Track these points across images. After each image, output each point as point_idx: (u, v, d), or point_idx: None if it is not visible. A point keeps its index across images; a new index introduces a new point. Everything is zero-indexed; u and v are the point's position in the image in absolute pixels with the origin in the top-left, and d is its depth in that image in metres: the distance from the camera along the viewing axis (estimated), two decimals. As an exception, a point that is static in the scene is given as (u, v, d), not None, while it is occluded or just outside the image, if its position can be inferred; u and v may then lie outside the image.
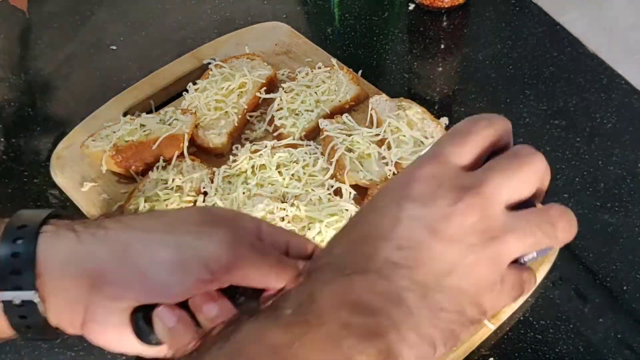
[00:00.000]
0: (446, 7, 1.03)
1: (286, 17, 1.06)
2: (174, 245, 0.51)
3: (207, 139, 0.87)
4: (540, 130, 0.89)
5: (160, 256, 0.51)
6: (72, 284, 0.51)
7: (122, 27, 1.09)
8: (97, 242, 0.51)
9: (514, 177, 0.42)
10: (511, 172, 0.42)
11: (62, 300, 0.51)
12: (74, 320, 0.52)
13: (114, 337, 0.52)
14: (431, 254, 0.41)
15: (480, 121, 0.44)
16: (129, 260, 0.51)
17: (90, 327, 0.52)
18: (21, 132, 0.96)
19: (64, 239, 0.51)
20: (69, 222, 0.53)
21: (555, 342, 0.71)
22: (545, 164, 0.44)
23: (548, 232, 0.42)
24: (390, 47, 1.02)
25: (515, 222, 0.42)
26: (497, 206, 0.42)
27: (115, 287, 0.51)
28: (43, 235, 0.51)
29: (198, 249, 0.51)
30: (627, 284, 0.75)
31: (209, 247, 0.51)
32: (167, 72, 0.97)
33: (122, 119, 0.88)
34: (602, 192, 0.82)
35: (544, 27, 1.01)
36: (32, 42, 1.08)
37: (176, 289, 0.51)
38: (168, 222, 0.53)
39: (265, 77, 0.93)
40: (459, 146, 0.44)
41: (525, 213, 0.43)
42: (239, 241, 0.52)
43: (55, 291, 0.51)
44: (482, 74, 0.96)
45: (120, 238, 0.52)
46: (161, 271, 0.51)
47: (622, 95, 0.92)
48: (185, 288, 0.51)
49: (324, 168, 0.83)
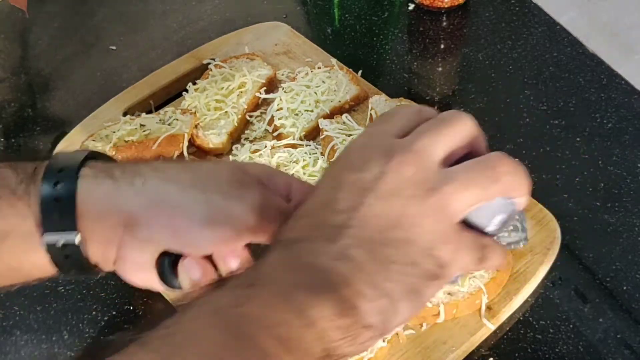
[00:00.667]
0: (446, 7, 1.03)
1: (286, 17, 1.06)
2: (205, 203, 0.53)
3: (206, 139, 0.87)
4: (540, 130, 0.89)
5: (192, 213, 0.53)
6: (108, 225, 0.53)
7: (122, 27, 1.09)
8: (134, 190, 0.53)
9: (442, 133, 0.45)
10: (439, 130, 0.45)
11: (99, 240, 0.53)
12: (107, 258, 0.54)
13: (141, 275, 0.55)
14: (372, 212, 0.43)
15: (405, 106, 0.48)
16: (163, 211, 0.53)
17: (122, 264, 0.54)
18: (21, 132, 0.96)
19: (103, 184, 0.53)
20: (108, 166, 0.55)
21: (555, 342, 0.71)
22: (473, 122, 0.46)
23: (490, 175, 0.44)
24: (390, 47, 1.02)
25: (452, 173, 0.44)
26: (430, 161, 0.44)
27: (147, 231, 0.53)
28: (82, 180, 0.53)
29: (227, 209, 0.53)
30: (627, 284, 0.75)
31: (237, 209, 0.53)
32: (167, 72, 0.97)
33: (122, 119, 0.88)
34: (602, 192, 0.82)
35: (543, 27, 1.01)
36: (32, 42, 1.08)
37: (203, 244, 0.53)
38: (202, 178, 0.55)
39: (265, 77, 0.93)
40: (387, 119, 0.47)
41: (463, 164, 0.44)
42: (266, 204, 0.54)
43: (94, 232, 0.52)
44: (482, 74, 0.96)
45: (157, 189, 0.54)
46: (191, 226, 0.53)
47: (622, 95, 0.92)
48: (211, 243, 0.53)
49: (324, 168, 0.83)
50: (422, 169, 0.43)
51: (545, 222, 0.77)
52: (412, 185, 0.43)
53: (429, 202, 0.43)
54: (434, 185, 0.43)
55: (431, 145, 0.44)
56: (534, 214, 0.77)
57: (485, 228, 0.45)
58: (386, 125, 0.47)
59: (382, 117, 0.49)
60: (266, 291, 0.41)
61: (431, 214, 0.43)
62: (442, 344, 0.70)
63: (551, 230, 0.76)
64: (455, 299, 0.70)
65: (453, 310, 0.70)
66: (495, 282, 0.72)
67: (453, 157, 0.45)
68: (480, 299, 0.71)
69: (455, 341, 0.70)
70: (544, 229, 0.76)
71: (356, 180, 0.44)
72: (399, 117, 0.47)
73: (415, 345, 0.70)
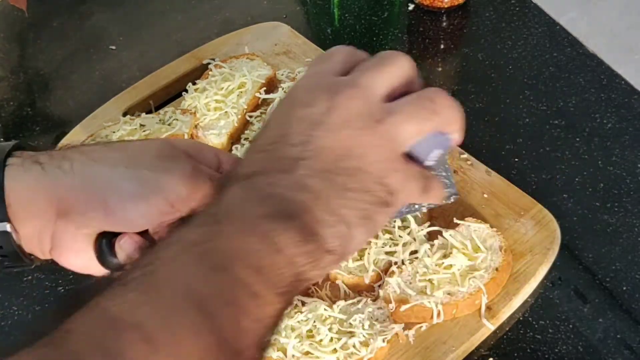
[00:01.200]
0: (446, 7, 1.03)
1: (286, 17, 1.06)
2: (136, 178, 0.54)
3: (206, 139, 0.87)
4: (539, 130, 0.89)
5: (123, 189, 0.54)
6: (39, 212, 0.53)
7: (122, 27, 1.09)
8: (63, 174, 0.54)
9: (383, 70, 0.47)
10: (379, 67, 0.47)
11: (32, 229, 0.53)
12: (43, 247, 0.54)
13: (79, 260, 0.55)
14: (324, 143, 0.45)
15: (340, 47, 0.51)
16: (94, 193, 0.54)
17: (58, 251, 0.55)
18: (20, 131, 0.96)
19: (30, 171, 0.54)
20: (34, 154, 0.55)
21: (554, 342, 0.71)
22: (411, 63, 0.49)
23: (430, 108, 0.47)
24: (390, 47, 1.02)
25: (395, 106, 0.47)
26: (374, 95, 0.46)
27: (80, 215, 0.53)
28: (9, 168, 0.53)
29: (158, 182, 0.54)
30: (626, 284, 0.75)
31: (168, 181, 0.54)
32: (167, 72, 0.97)
33: (121, 119, 0.89)
34: (602, 192, 0.82)
35: (543, 27, 1.01)
36: (32, 41, 1.08)
37: (138, 220, 0.54)
38: (130, 156, 0.56)
39: (265, 77, 0.93)
40: (328, 58, 0.49)
41: (404, 98, 0.47)
42: (197, 174, 0.55)
43: (25, 220, 0.53)
44: (482, 74, 0.96)
45: (85, 171, 0.54)
46: (123, 203, 0.54)
47: (621, 96, 0.92)
48: (146, 219, 0.54)
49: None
50: (367, 103, 0.46)
51: (545, 222, 0.77)
52: (360, 118, 0.45)
53: (377, 132, 0.45)
54: (380, 117, 0.46)
55: (374, 81, 0.47)
56: (533, 214, 0.78)
57: (424, 162, 0.48)
58: (327, 65, 0.49)
59: (320, 58, 0.50)
60: (233, 225, 0.42)
61: (380, 143, 0.45)
62: (441, 344, 0.70)
63: (551, 230, 0.76)
64: (455, 299, 0.70)
65: (453, 310, 0.70)
66: (495, 282, 0.72)
67: (393, 95, 0.48)
68: (480, 299, 0.71)
69: (455, 341, 0.70)
70: (543, 229, 0.77)
71: (306, 116, 0.46)
72: (336, 57, 0.49)
73: (415, 345, 0.70)
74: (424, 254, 0.73)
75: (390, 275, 0.73)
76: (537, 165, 0.85)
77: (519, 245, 0.75)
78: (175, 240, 0.42)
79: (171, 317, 0.39)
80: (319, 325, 0.69)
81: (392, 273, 0.73)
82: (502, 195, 0.80)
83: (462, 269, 0.72)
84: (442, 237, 0.75)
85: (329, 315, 0.69)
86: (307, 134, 0.45)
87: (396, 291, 0.71)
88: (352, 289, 0.74)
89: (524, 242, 0.76)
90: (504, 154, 0.86)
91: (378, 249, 0.75)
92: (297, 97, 0.48)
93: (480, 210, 0.79)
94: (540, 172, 0.84)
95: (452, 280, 0.72)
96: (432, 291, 0.71)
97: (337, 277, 0.74)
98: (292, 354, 0.67)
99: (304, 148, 0.45)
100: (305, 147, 0.45)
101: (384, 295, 0.71)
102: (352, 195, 0.45)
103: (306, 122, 0.45)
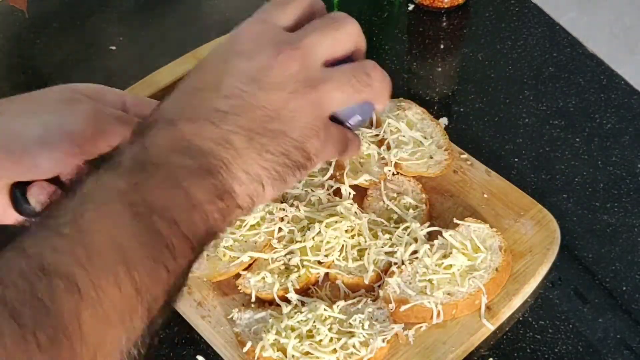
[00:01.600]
0: (446, 7, 1.03)
1: (286, 17, 1.05)
2: (39, 124, 0.55)
3: (206, 139, 0.87)
4: (539, 130, 0.89)
5: (27, 137, 0.54)
6: None
7: (122, 27, 1.09)
8: None
9: (329, 35, 0.48)
10: (327, 31, 0.48)
11: None
12: None
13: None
14: (255, 102, 0.46)
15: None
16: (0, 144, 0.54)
17: None
18: (21, 132, 0.96)
19: None
20: None
21: (554, 342, 0.71)
22: (358, 27, 0.50)
23: (363, 79, 0.48)
24: (389, 47, 1.02)
25: (332, 73, 0.48)
26: (315, 60, 0.47)
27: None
28: None
29: (62, 125, 0.55)
30: (626, 284, 0.75)
31: (72, 122, 0.55)
32: (167, 72, 0.96)
33: (121, 119, 0.88)
34: (602, 192, 0.82)
35: (543, 27, 1.01)
36: (32, 42, 1.08)
37: (46, 165, 0.55)
38: (32, 104, 0.57)
39: (265, 77, 0.92)
40: (281, 9, 0.49)
41: (342, 66, 0.48)
42: (101, 114, 0.56)
43: None
44: (482, 74, 0.96)
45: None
46: (28, 150, 0.54)
47: (621, 96, 0.92)
48: (54, 163, 0.55)
49: (323, 168, 0.83)
50: (305, 67, 0.47)
51: (545, 222, 0.77)
52: (294, 82, 0.46)
53: (308, 99, 0.46)
54: (314, 83, 0.47)
55: (318, 44, 0.47)
56: (533, 214, 0.78)
57: (345, 122, 0.51)
58: (278, 15, 0.49)
59: (275, 4, 0.50)
60: (159, 175, 0.44)
61: (308, 109, 0.47)
62: (441, 344, 0.70)
63: (551, 230, 0.76)
64: (455, 299, 0.70)
65: (452, 310, 0.70)
66: (495, 283, 0.72)
67: (335, 58, 0.49)
68: (480, 299, 0.71)
69: (455, 341, 0.70)
70: (543, 229, 0.77)
71: (244, 69, 0.46)
72: (292, 6, 0.50)
73: (415, 345, 0.70)
74: (423, 254, 0.73)
75: (390, 275, 0.73)
76: (536, 165, 0.85)
77: (518, 246, 0.75)
78: (104, 185, 0.43)
79: (98, 269, 0.41)
80: (318, 325, 0.69)
81: (392, 273, 0.73)
82: (501, 195, 0.80)
83: (462, 269, 0.72)
84: (442, 237, 0.75)
85: (329, 315, 0.69)
86: (241, 88, 0.46)
87: (396, 291, 0.71)
88: (351, 289, 0.74)
89: (523, 242, 0.76)
90: (503, 154, 0.86)
91: (378, 249, 0.75)
92: (239, 44, 0.48)
93: (480, 210, 0.79)
94: (540, 172, 0.84)
95: (452, 280, 0.72)
96: (432, 291, 0.71)
97: (337, 277, 0.74)
98: (292, 354, 0.67)
99: (234, 103, 0.46)
100: (236, 102, 0.46)
101: (383, 296, 0.71)
102: (271, 157, 0.46)
103: (242, 75, 0.46)
